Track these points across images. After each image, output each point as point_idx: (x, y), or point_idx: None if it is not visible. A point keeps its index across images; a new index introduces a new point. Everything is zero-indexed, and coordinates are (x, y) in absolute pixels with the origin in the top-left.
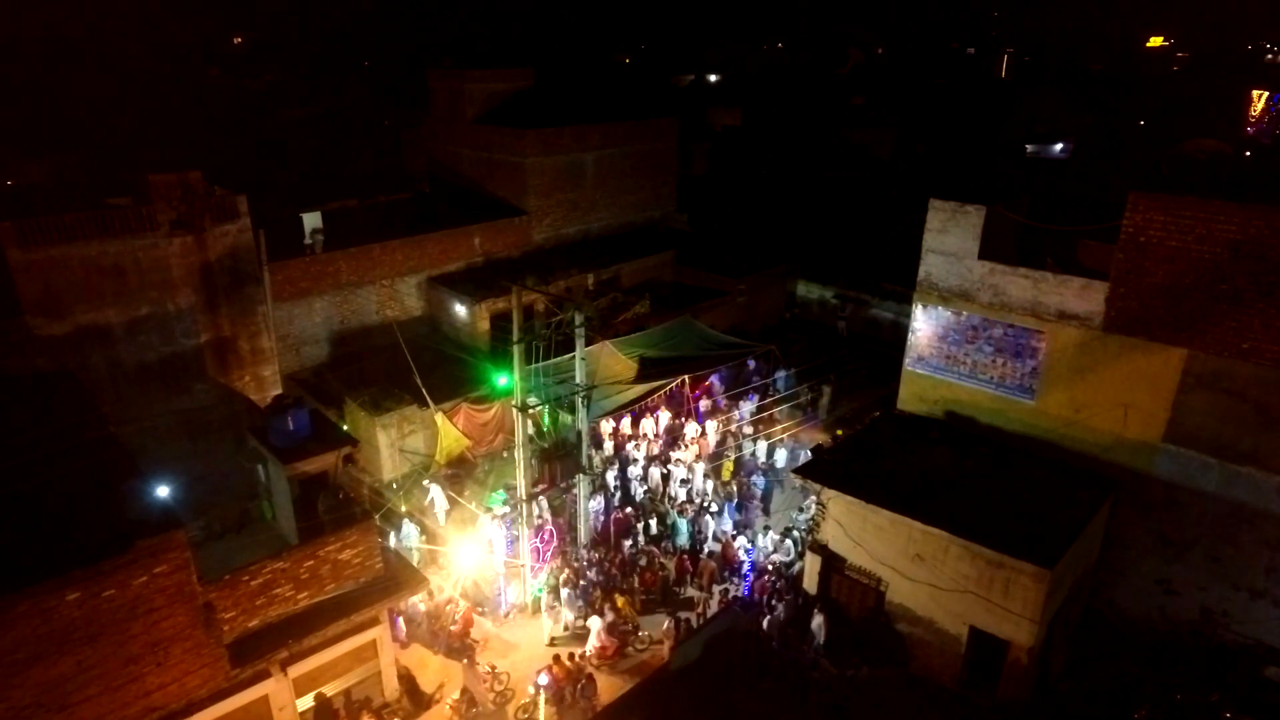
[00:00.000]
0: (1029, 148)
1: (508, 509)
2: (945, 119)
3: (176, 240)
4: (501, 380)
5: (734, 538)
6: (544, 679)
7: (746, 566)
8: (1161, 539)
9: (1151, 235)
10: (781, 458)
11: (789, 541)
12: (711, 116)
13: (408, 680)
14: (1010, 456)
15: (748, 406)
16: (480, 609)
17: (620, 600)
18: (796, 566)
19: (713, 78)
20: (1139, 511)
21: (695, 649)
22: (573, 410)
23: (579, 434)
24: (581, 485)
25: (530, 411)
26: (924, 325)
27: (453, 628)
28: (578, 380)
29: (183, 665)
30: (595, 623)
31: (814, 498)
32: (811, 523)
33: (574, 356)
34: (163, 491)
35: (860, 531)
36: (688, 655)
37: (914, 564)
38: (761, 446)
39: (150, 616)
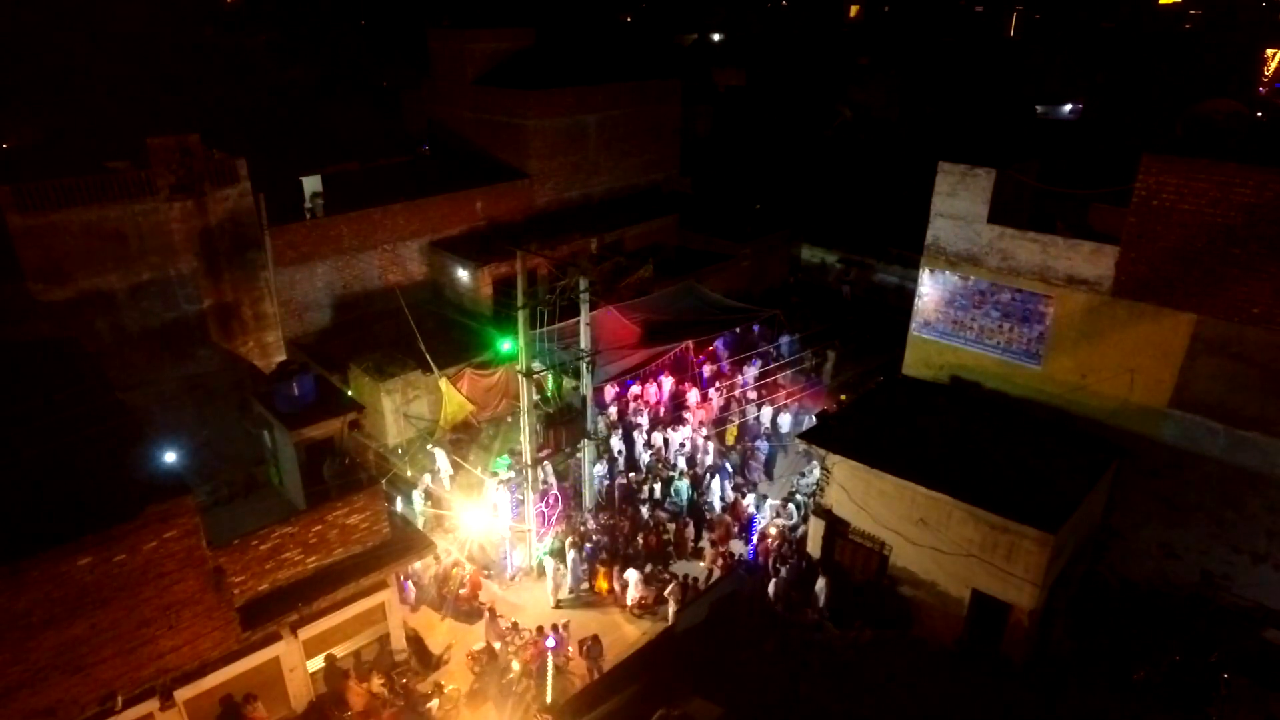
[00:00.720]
0: (1038, 108)
1: (512, 474)
2: (952, 79)
3: (176, 205)
4: (505, 345)
5: (740, 499)
6: (551, 641)
7: (751, 530)
8: (1165, 503)
9: (1164, 199)
10: (785, 423)
11: (791, 506)
12: (716, 77)
13: (416, 642)
14: (1015, 421)
15: (751, 371)
16: (487, 572)
17: (600, 572)
18: (800, 530)
19: (716, 37)
20: (1144, 476)
21: (700, 612)
22: (578, 375)
23: (584, 399)
24: (586, 450)
25: (534, 377)
26: (930, 290)
27: (461, 591)
28: (582, 345)
29: (194, 628)
30: (633, 575)
31: (816, 463)
32: (815, 487)
33: (579, 321)
34: (170, 457)
35: (864, 496)
36: (692, 618)
37: (918, 528)
38: (765, 412)
39: (161, 581)
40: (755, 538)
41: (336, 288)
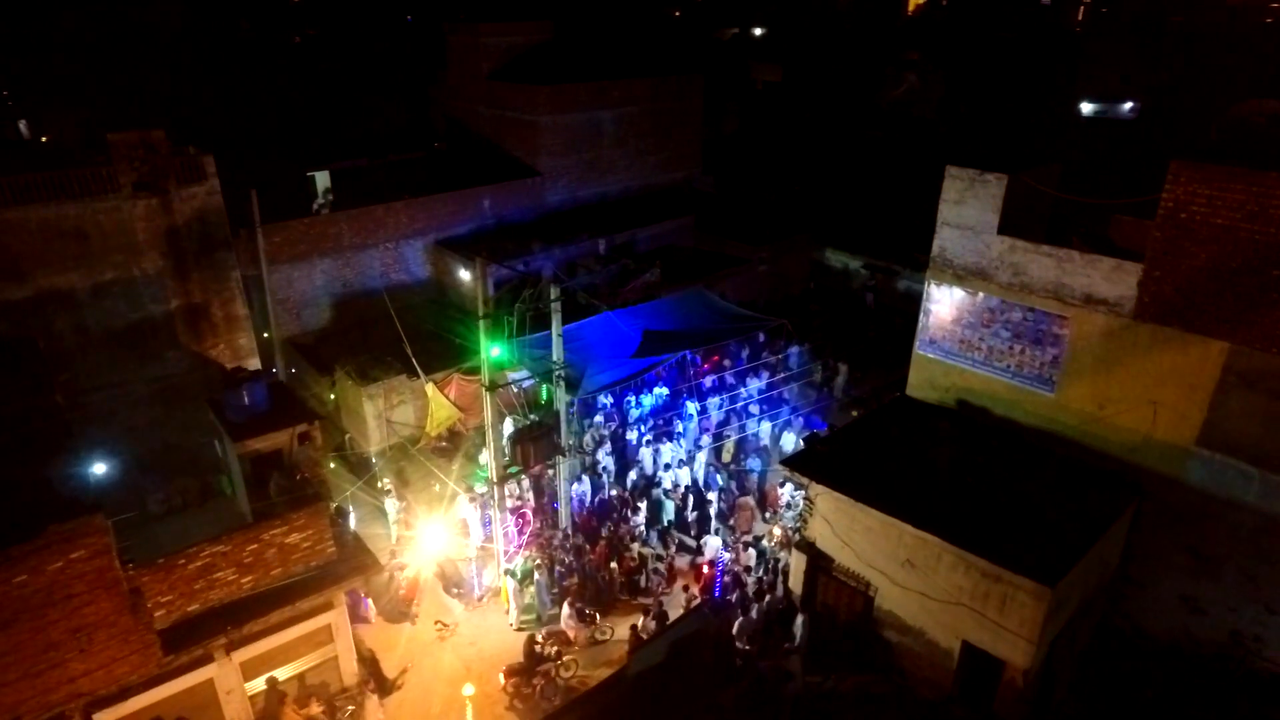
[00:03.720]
0: (1091, 107)
1: (484, 489)
2: (1001, 75)
3: (140, 202)
4: (494, 351)
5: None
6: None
7: (718, 567)
8: (1191, 553)
9: (1194, 211)
10: (790, 441)
11: (752, 550)
12: (754, 72)
13: (372, 663)
14: (1025, 454)
15: (755, 384)
16: (457, 590)
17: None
18: (753, 576)
19: (758, 31)
20: (1166, 521)
21: (658, 652)
22: (569, 387)
23: (557, 414)
24: (561, 467)
25: (522, 388)
26: (936, 305)
27: (400, 592)
28: (554, 358)
29: (109, 651)
30: (565, 610)
31: (802, 490)
32: (798, 518)
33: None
34: (99, 468)
35: (848, 531)
36: (649, 659)
37: (904, 570)
38: (766, 428)
39: (70, 603)
40: (721, 574)
41: (336, 286)
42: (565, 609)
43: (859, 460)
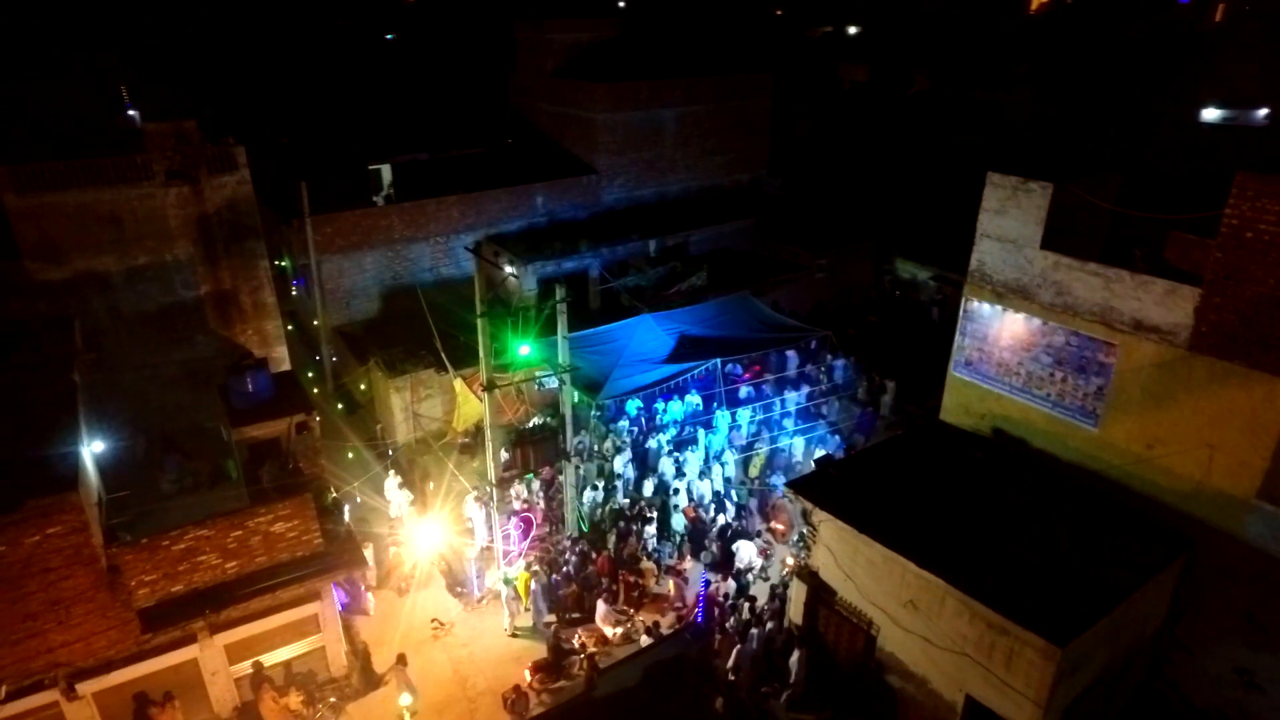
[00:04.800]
0: (1217, 114)
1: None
2: (1111, 77)
3: (172, 190)
4: (524, 349)
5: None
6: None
7: (699, 592)
8: (1247, 619)
9: (1262, 230)
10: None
11: (731, 581)
12: (843, 72)
13: (364, 656)
14: (1062, 492)
15: (794, 396)
16: (460, 589)
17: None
18: (729, 603)
19: (852, 30)
20: (1220, 580)
21: (631, 675)
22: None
23: (562, 418)
24: (568, 472)
25: (541, 387)
26: (974, 324)
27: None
28: (560, 361)
29: (87, 625)
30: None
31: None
32: (802, 544)
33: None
34: (98, 446)
35: (851, 563)
36: (619, 681)
37: (907, 611)
38: (799, 444)
39: (47, 576)
40: (704, 598)
41: (386, 278)
42: (601, 606)
43: (874, 487)
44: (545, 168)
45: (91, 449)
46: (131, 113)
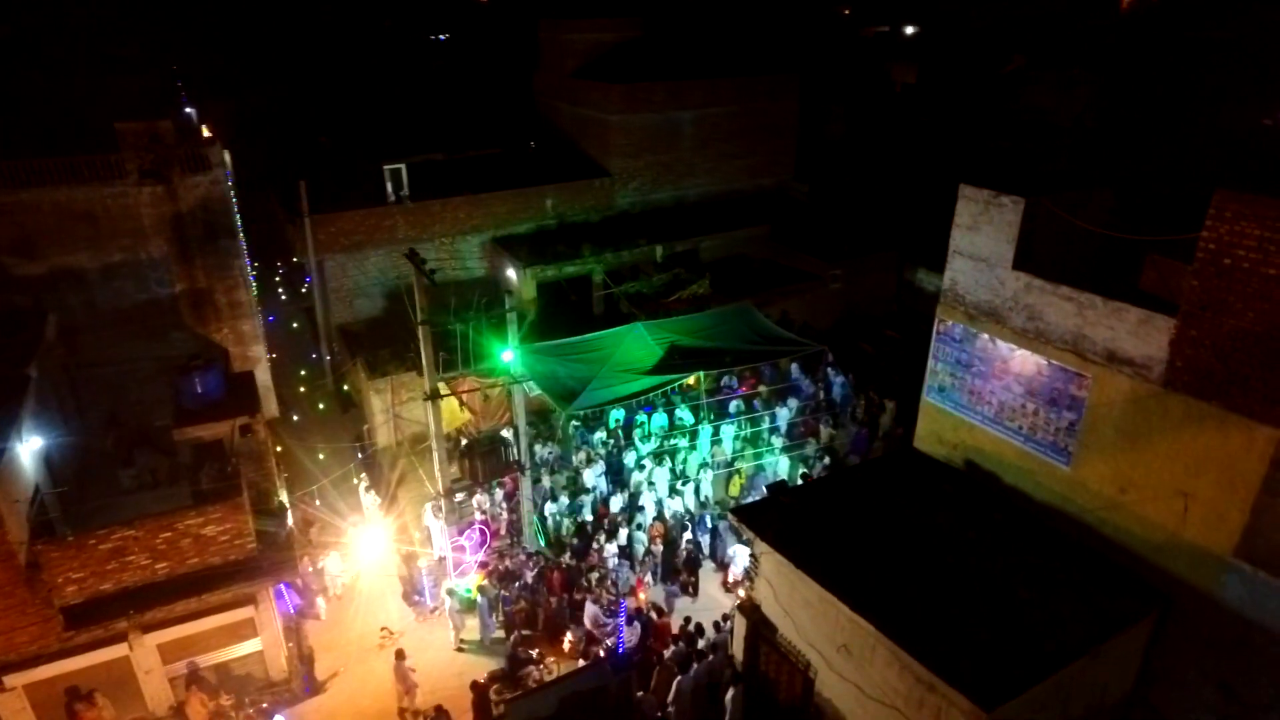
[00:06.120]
0: None
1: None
2: (1181, 83)
3: (146, 189)
4: (506, 355)
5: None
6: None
7: (620, 618)
8: (1224, 691)
9: (1242, 256)
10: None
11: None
12: (895, 73)
13: (308, 662)
14: (1031, 535)
15: (784, 413)
16: (417, 597)
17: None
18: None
19: (910, 30)
20: (1194, 645)
21: (544, 705)
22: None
23: (515, 430)
24: (524, 485)
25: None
26: (947, 347)
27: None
28: (511, 369)
29: (7, 620)
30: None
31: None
32: (746, 575)
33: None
34: (34, 444)
35: (790, 599)
36: (531, 710)
37: (842, 656)
38: (783, 463)
39: None
40: (624, 626)
41: (390, 277)
42: (590, 606)
43: (828, 517)
44: (560, 169)
45: (29, 445)
46: (189, 110)
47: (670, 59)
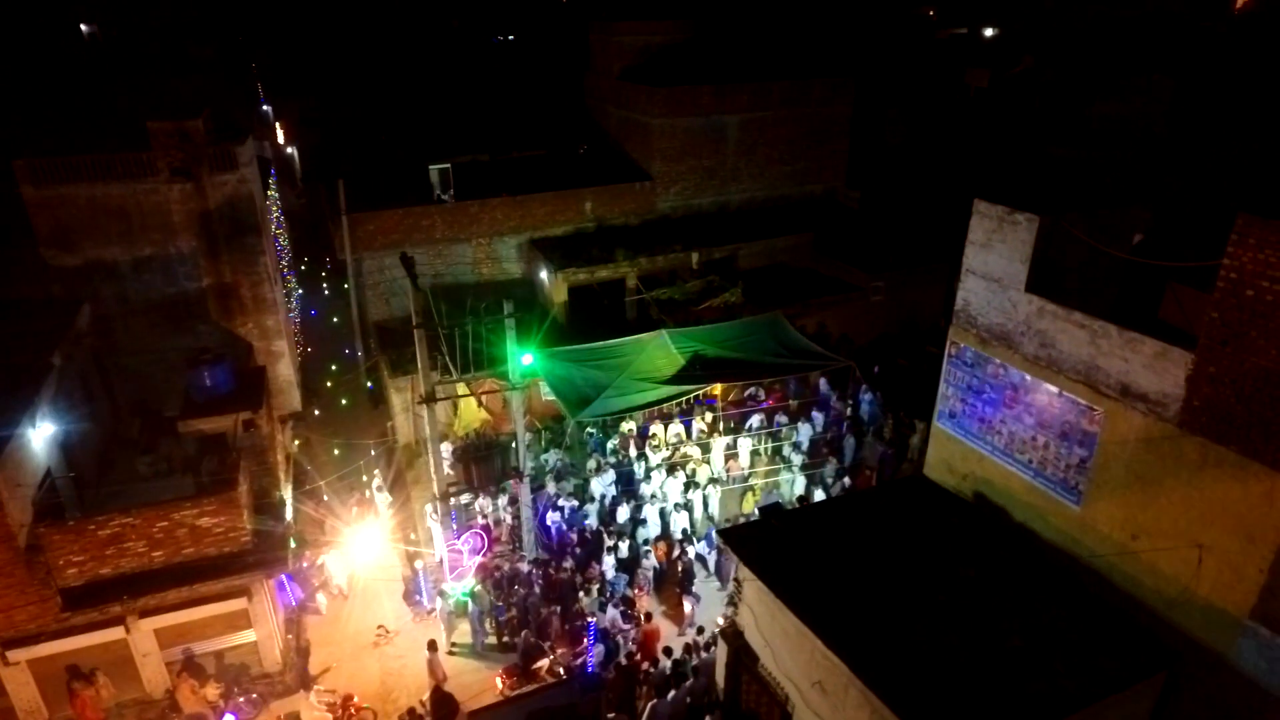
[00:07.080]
0: None
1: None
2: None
3: (176, 187)
4: (526, 359)
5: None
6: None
7: (589, 636)
8: None
9: (1266, 287)
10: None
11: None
12: (969, 77)
13: (304, 655)
14: (1035, 578)
15: (806, 429)
16: (416, 597)
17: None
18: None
19: (989, 32)
20: (1207, 709)
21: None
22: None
23: (514, 436)
24: (524, 491)
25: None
26: (959, 371)
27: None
28: (513, 377)
29: (7, 599)
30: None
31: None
32: (729, 601)
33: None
34: (46, 429)
35: (770, 629)
36: None
37: (816, 692)
38: (799, 482)
39: None
40: (594, 645)
41: (428, 276)
42: (610, 610)
43: (821, 544)
44: (603, 172)
45: (40, 430)
46: (265, 108)
47: (720, 61)
